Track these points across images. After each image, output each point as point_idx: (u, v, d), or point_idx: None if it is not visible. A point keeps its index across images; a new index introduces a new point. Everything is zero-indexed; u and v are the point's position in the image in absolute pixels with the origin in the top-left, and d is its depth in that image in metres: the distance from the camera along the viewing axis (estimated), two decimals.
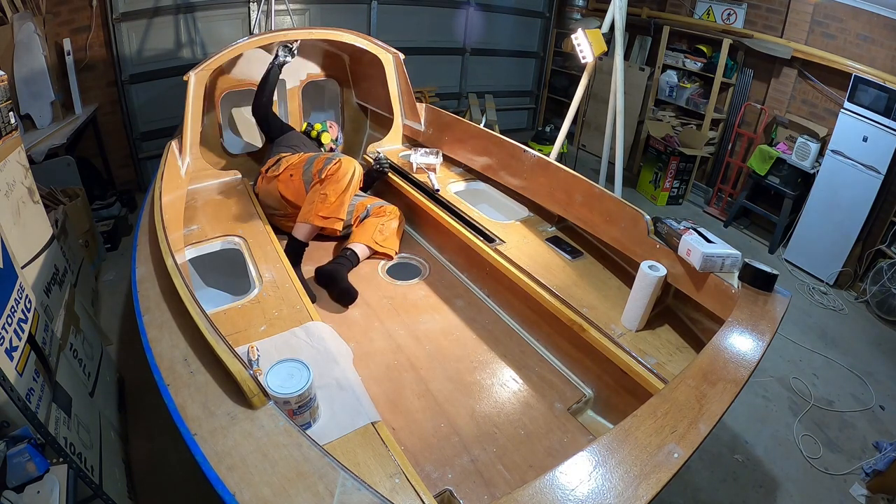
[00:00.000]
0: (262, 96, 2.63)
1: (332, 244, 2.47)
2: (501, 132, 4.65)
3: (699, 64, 4.70)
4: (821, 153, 3.79)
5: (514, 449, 1.47)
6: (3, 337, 1.37)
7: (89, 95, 3.66)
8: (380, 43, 2.92)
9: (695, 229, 1.70)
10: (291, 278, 1.79)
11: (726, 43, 4.37)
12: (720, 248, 1.61)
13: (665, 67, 4.99)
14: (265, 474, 0.95)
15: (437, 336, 1.88)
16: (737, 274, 1.59)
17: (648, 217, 1.82)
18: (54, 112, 3.31)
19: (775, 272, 1.55)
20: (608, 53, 3.11)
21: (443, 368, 1.73)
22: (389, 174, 2.73)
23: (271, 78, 2.63)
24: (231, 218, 2.20)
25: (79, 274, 2.59)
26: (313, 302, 1.83)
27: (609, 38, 3.07)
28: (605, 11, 3.09)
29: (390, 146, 3.10)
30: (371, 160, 2.84)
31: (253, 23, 3.97)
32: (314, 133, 2.81)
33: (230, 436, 1.04)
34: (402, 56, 2.95)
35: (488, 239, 2.13)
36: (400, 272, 2.31)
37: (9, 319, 1.44)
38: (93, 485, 1.46)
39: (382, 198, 2.89)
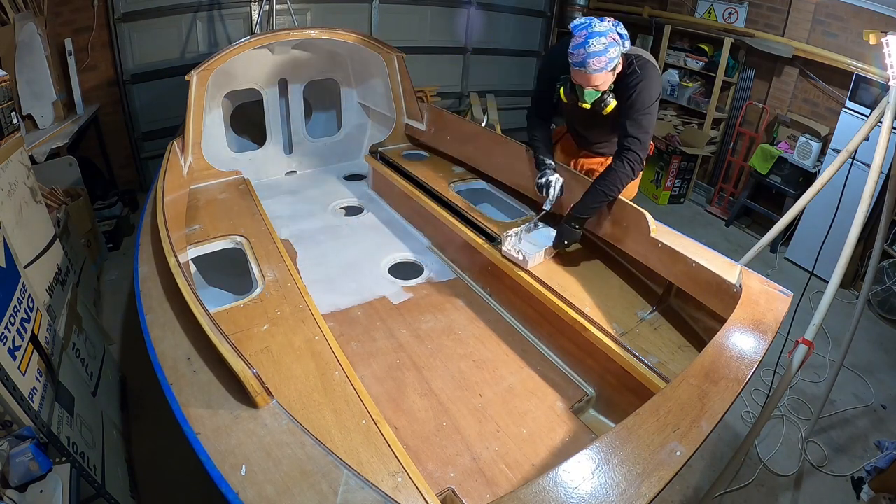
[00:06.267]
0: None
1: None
2: (503, 131, 4.65)
3: (700, 63, 4.70)
4: (822, 152, 3.78)
5: (516, 448, 1.47)
6: (6, 337, 1.37)
7: (91, 95, 3.67)
8: (381, 42, 2.92)
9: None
10: (294, 277, 1.79)
11: (728, 42, 4.36)
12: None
13: (666, 66, 4.98)
14: (269, 473, 0.95)
15: (439, 335, 1.88)
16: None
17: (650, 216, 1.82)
18: (56, 112, 3.32)
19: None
20: None
21: (445, 367, 1.73)
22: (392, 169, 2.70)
23: None
24: (233, 217, 2.20)
25: (81, 273, 2.60)
26: None
27: None
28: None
29: (392, 146, 3.10)
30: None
31: (254, 22, 3.98)
32: None
33: (234, 434, 1.04)
34: (403, 56, 2.95)
35: (490, 238, 2.13)
36: (402, 271, 2.31)
37: (11, 319, 1.44)
38: (95, 484, 1.47)
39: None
